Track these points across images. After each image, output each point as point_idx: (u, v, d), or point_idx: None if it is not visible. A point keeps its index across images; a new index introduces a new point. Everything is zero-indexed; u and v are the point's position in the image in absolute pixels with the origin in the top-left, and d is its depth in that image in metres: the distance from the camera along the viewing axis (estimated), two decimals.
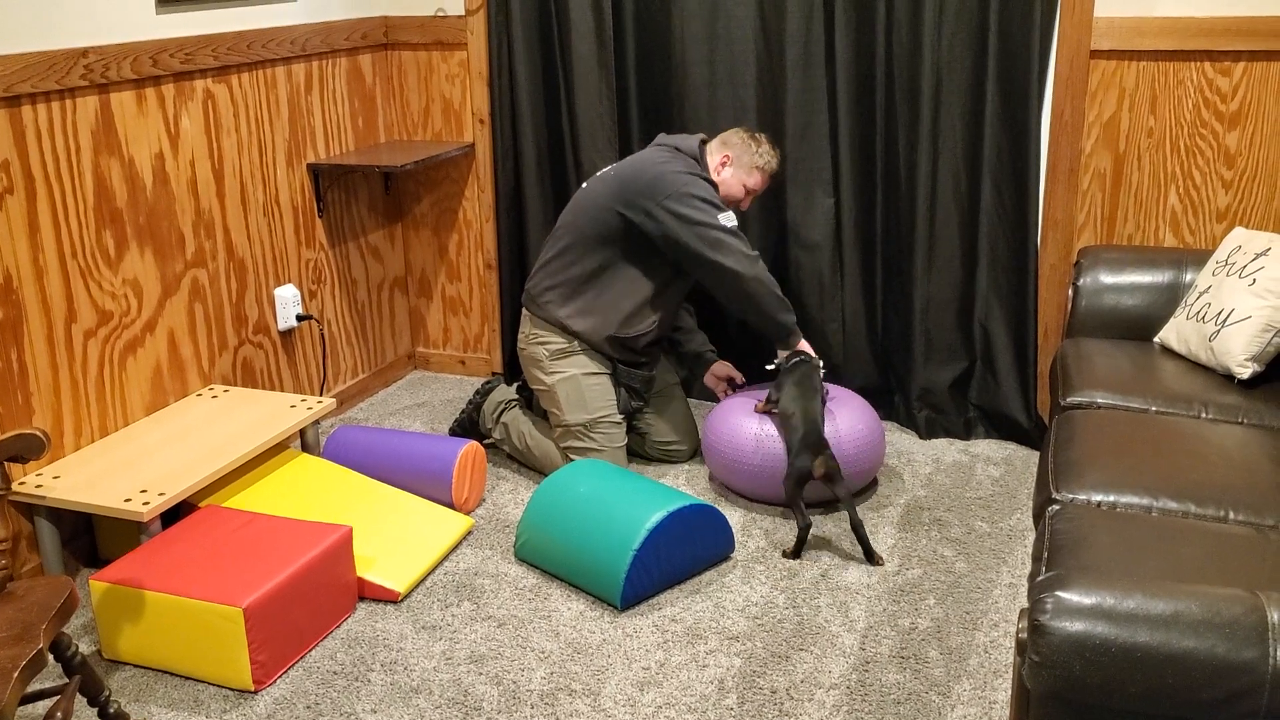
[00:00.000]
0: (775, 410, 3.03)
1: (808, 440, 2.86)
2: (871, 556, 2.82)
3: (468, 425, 3.50)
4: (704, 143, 3.24)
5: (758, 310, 3.11)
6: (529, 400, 3.44)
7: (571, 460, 3.18)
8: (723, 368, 3.48)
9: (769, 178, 3.28)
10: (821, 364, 3.11)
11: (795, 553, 2.85)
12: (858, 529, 2.82)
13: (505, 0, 3.63)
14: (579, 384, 3.19)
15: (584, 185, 3.27)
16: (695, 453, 3.43)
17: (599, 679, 2.40)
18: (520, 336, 3.32)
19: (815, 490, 2.94)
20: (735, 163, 3.22)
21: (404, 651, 2.51)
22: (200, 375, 3.22)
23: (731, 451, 3.06)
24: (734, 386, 3.48)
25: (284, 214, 3.48)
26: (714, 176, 3.19)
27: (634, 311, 3.19)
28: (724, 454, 3.08)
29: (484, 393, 3.49)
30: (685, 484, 3.27)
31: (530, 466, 3.38)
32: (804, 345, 3.17)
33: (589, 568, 2.67)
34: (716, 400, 3.62)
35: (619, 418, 3.21)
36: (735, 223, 3.10)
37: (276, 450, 3.07)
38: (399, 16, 3.83)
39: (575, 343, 3.22)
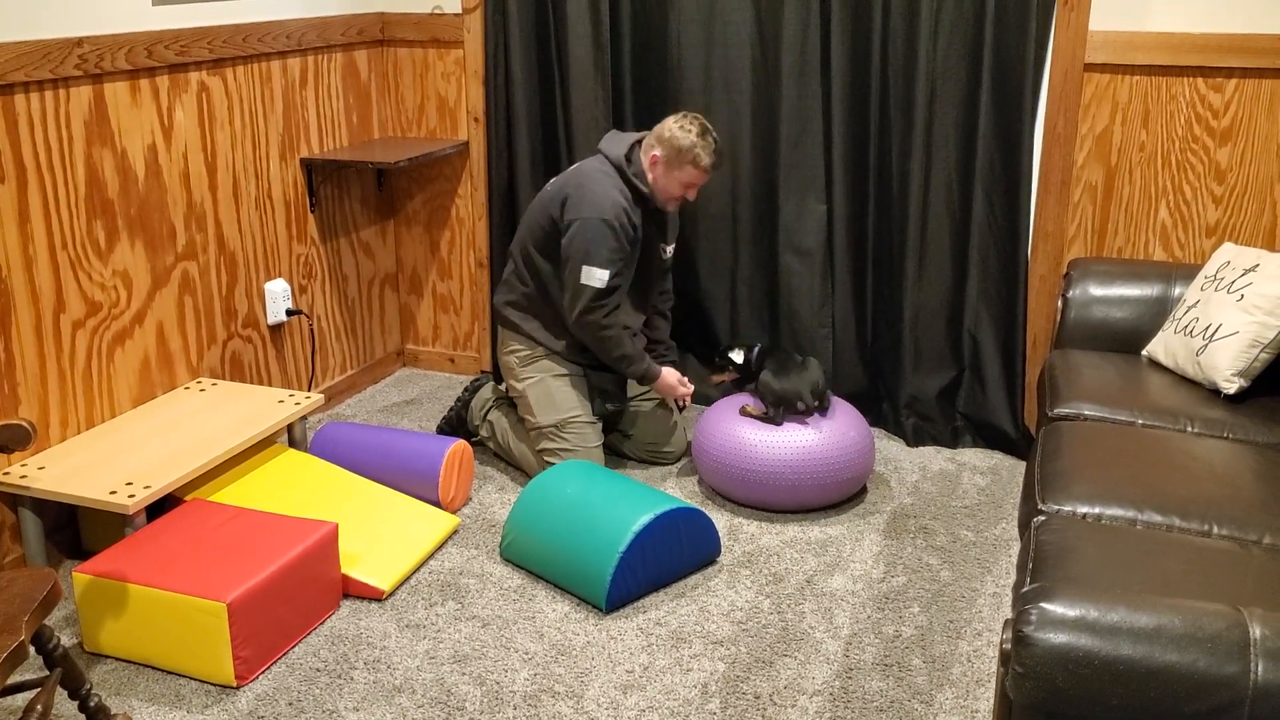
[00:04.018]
0: (765, 400, 3.08)
1: (800, 389, 3.05)
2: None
3: (455, 423, 3.49)
4: (639, 142, 3.16)
5: (596, 351, 3.18)
6: None
7: (548, 464, 3.18)
8: (670, 375, 3.31)
9: (706, 169, 3.12)
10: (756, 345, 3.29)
11: (760, 415, 3.05)
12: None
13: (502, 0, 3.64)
14: (548, 386, 3.21)
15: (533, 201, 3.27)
16: (682, 455, 3.43)
17: (582, 681, 2.40)
18: (498, 345, 3.36)
19: (796, 497, 2.95)
20: (664, 161, 3.10)
21: (387, 650, 2.50)
22: (188, 368, 3.21)
23: (723, 455, 3.06)
24: (679, 406, 3.40)
25: (276, 208, 3.47)
26: (648, 177, 3.13)
27: None
28: (715, 458, 3.08)
29: (472, 390, 3.50)
30: (673, 487, 3.27)
31: (514, 466, 3.38)
32: (667, 376, 3.22)
33: (575, 569, 2.67)
34: (705, 403, 3.62)
35: (591, 418, 3.22)
36: (606, 283, 3.05)
37: (263, 445, 3.06)
38: (395, 13, 3.82)
39: (541, 349, 3.25)
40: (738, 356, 3.29)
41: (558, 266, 3.15)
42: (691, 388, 3.33)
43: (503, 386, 3.52)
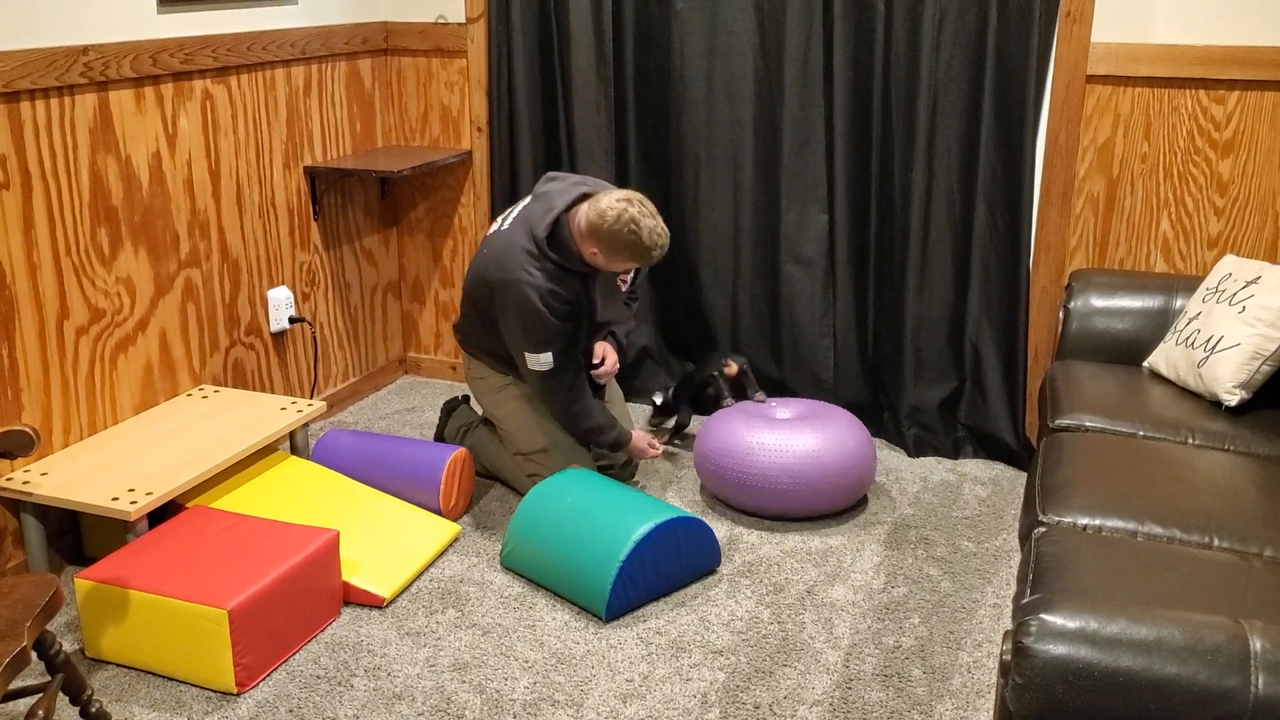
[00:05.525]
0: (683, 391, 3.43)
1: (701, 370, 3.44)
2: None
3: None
4: (577, 202, 2.91)
5: (566, 425, 3.10)
6: None
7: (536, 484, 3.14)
8: (639, 439, 3.25)
9: (654, 261, 2.90)
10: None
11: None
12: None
13: (506, 9, 3.65)
14: (528, 410, 3.15)
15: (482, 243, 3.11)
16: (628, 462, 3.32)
17: (582, 690, 2.40)
18: (467, 370, 3.27)
19: (779, 503, 2.95)
20: (603, 255, 2.88)
21: (387, 657, 2.50)
22: (191, 375, 3.21)
23: (724, 460, 3.06)
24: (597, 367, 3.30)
25: (279, 216, 3.48)
26: (582, 256, 2.91)
27: None
28: (715, 462, 3.08)
29: (446, 411, 3.45)
30: (674, 496, 3.27)
31: (505, 484, 3.35)
32: (637, 440, 3.19)
33: (575, 578, 2.67)
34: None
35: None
36: (553, 363, 2.95)
37: (265, 452, 3.07)
38: (399, 22, 3.84)
39: (511, 375, 3.17)
40: (658, 399, 3.56)
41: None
42: (660, 449, 3.28)
43: (477, 408, 3.46)
